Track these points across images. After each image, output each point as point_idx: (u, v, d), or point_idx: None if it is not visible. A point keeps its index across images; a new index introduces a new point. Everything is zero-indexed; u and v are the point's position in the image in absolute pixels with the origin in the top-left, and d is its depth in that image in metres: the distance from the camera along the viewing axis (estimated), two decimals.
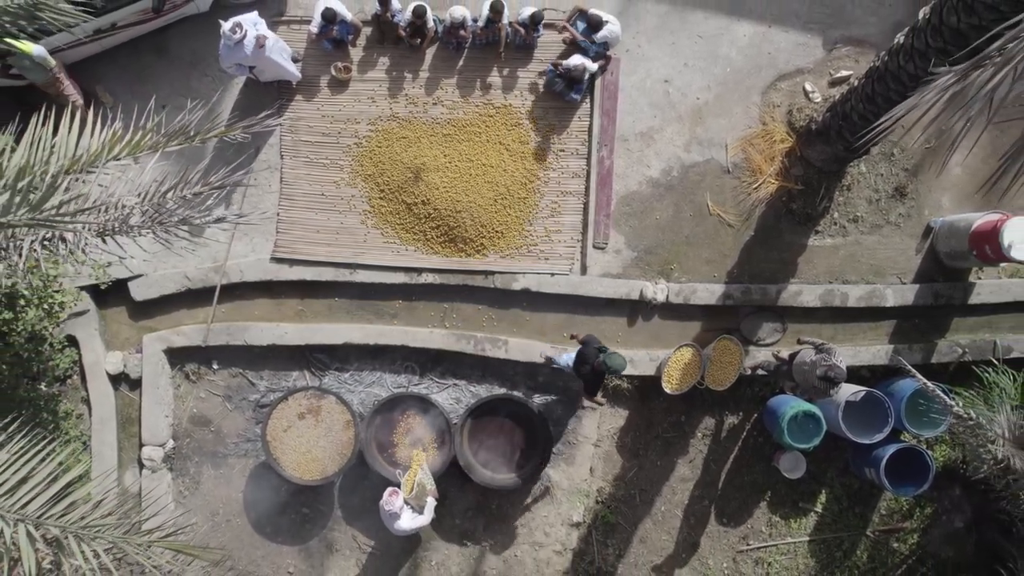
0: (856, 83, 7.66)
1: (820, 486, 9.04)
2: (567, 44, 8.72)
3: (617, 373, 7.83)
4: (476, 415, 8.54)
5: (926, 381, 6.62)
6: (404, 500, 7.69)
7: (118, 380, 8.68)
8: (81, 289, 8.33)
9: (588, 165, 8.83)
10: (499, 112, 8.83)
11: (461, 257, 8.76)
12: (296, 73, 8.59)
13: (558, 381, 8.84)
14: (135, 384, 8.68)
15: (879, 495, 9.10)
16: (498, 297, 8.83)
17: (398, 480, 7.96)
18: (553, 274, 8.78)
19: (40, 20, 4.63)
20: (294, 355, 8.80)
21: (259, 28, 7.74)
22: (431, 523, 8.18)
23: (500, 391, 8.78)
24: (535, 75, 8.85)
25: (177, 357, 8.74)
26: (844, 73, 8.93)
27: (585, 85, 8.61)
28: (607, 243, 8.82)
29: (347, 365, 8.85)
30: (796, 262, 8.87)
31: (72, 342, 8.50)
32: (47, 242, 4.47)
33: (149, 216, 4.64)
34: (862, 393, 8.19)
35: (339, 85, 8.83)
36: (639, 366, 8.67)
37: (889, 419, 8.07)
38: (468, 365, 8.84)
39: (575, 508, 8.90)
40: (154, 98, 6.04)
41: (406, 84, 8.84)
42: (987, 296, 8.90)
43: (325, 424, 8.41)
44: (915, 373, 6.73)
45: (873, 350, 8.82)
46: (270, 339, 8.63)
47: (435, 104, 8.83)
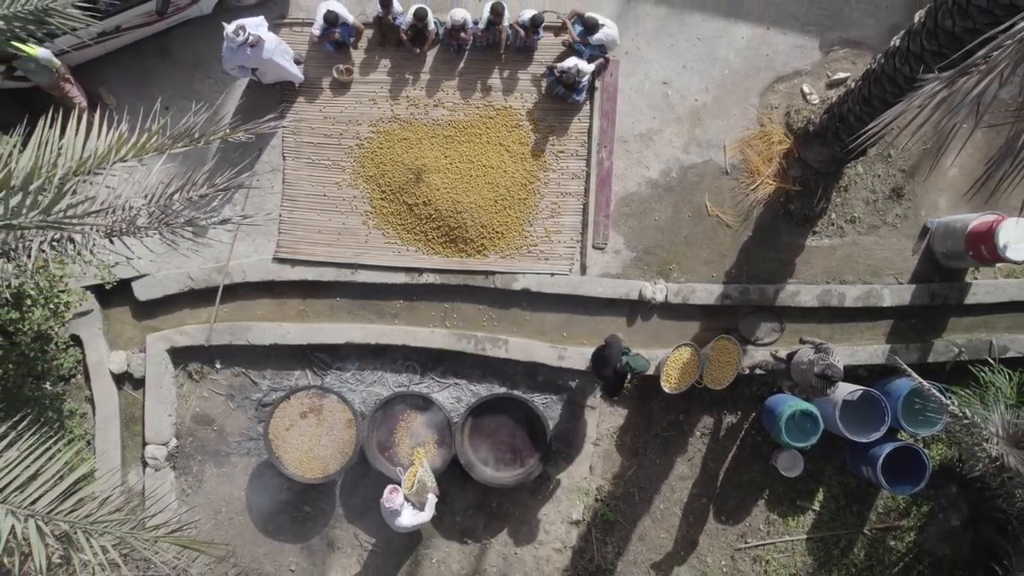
0: (853, 85, 7.68)
1: (818, 484, 9.08)
2: (566, 46, 8.78)
3: (640, 374, 7.89)
4: (476, 414, 8.59)
5: (922, 380, 6.67)
6: (405, 497, 7.74)
7: (122, 379, 8.74)
8: (86, 289, 8.40)
9: (588, 166, 8.89)
10: (499, 114, 8.90)
11: (462, 257, 8.82)
12: (299, 75, 8.63)
13: (558, 380, 8.91)
14: (139, 383, 8.75)
15: (876, 493, 9.13)
16: (498, 297, 8.88)
17: (399, 478, 8.01)
18: (553, 274, 8.84)
19: (49, 25, 4.69)
20: (296, 354, 8.86)
21: (261, 31, 7.77)
22: (432, 521, 8.24)
23: (500, 390, 8.82)
24: (535, 77, 8.90)
25: (180, 356, 8.80)
26: (841, 75, 8.98)
27: (586, 86, 8.64)
28: (606, 243, 8.87)
29: (349, 364, 8.91)
30: (794, 262, 8.92)
31: (76, 341, 8.56)
32: (55, 243, 4.54)
33: (156, 217, 4.71)
34: (859, 392, 8.22)
35: (341, 87, 8.88)
36: None
37: (886, 418, 8.10)
38: (468, 364, 8.90)
39: (575, 506, 8.96)
40: (159, 100, 6.10)
41: (407, 86, 8.90)
42: (983, 296, 8.95)
43: (327, 423, 8.47)
44: (911, 372, 6.78)
45: (870, 350, 8.87)
46: (272, 339, 8.69)
47: (436, 106, 8.89)
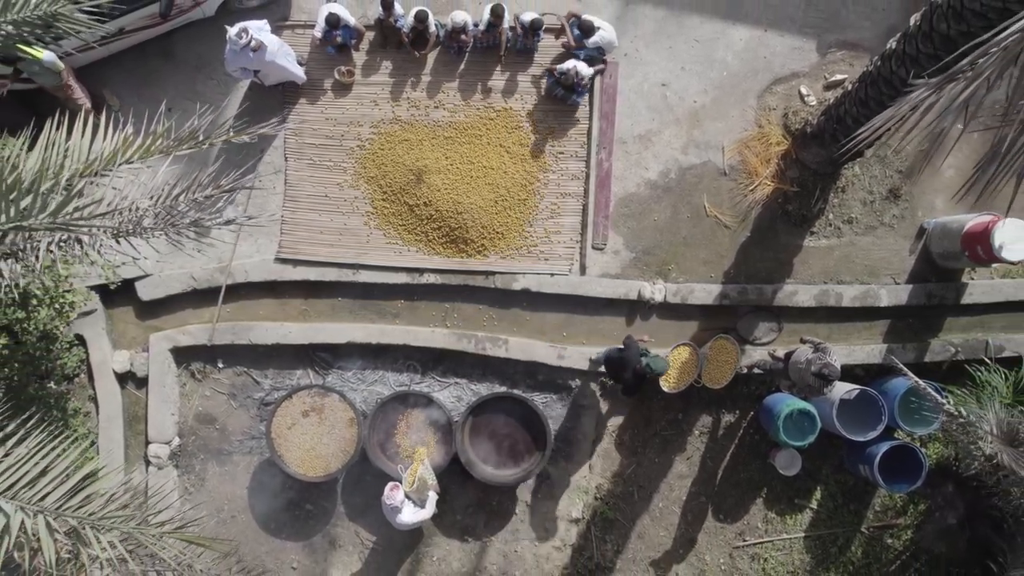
0: (850, 87, 7.73)
1: (815, 483, 9.12)
2: (565, 48, 8.83)
3: (660, 375, 7.98)
4: (477, 413, 8.64)
5: (918, 380, 6.73)
6: (406, 494, 7.80)
7: (125, 379, 8.80)
8: (91, 289, 8.45)
9: (587, 167, 8.95)
10: (499, 115, 8.96)
11: (462, 258, 8.88)
12: (301, 75, 8.68)
13: (557, 379, 8.97)
14: (141, 382, 8.81)
15: (873, 492, 9.18)
16: (498, 297, 8.94)
17: (400, 476, 8.05)
18: (553, 274, 8.90)
19: (56, 29, 4.75)
20: (298, 354, 8.92)
21: (263, 35, 7.82)
22: (432, 519, 8.31)
23: (500, 389, 8.87)
24: (535, 79, 8.96)
25: (183, 356, 8.87)
26: (839, 77, 9.04)
27: (586, 87, 8.68)
28: (606, 244, 8.94)
29: (350, 364, 8.97)
30: (792, 263, 8.98)
31: (80, 341, 8.62)
32: (63, 243, 4.60)
33: (162, 218, 4.77)
34: (856, 391, 8.28)
35: (342, 89, 8.95)
36: None
37: (883, 417, 8.15)
38: (469, 364, 8.96)
39: (574, 504, 9.02)
40: (164, 103, 6.17)
41: (408, 88, 8.96)
42: (979, 296, 9.01)
43: (329, 422, 8.53)
44: (907, 372, 6.84)
45: (867, 349, 8.93)
46: (274, 338, 8.76)
47: (437, 107, 8.95)
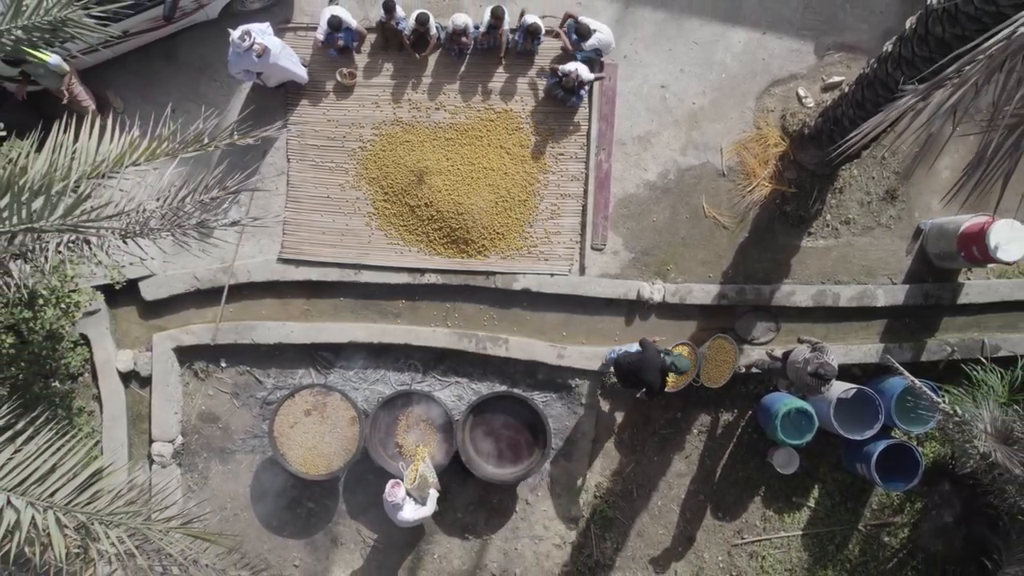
0: (847, 89, 7.80)
1: (813, 481, 9.18)
2: (564, 50, 8.89)
3: (684, 373, 8.09)
4: (477, 412, 8.69)
5: (914, 379, 6.78)
6: (406, 491, 7.85)
7: (128, 378, 8.87)
8: (95, 289, 8.51)
9: (587, 168, 9.01)
10: (500, 117, 9.02)
11: (463, 258, 8.94)
12: (304, 75, 8.74)
13: (557, 379, 9.04)
14: (145, 382, 8.88)
15: (870, 490, 9.24)
16: (499, 297, 9.01)
17: (402, 473, 8.13)
18: (553, 275, 8.96)
19: (65, 34, 4.82)
20: (300, 353, 8.99)
21: (266, 38, 7.88)
22: (433, 517, 8.37)
23: (501, 388, 8.93)
24: (535, 80, 9.03)
25: (186, 355, 8.93)
26: (836, 79, 9.11)
27: (586, 89, 8.74)
28: (605, 244, 9.00)
29: (352, 363, 9.04)
30: (789, 263, 9.05)
31: (84, 340, 8.68)
32: (72, 244, 4.68)
33: (168, 219, 4.85)
34: (853, 390, 8.33)
35: (344, 90, 9.01)
36: None
37: (879, 416, 8.21)
38: (470, 363, 9.02)
39: (574, 503, 9.08)
40: (169, 106, 6.24)
41: (409, 89, 9.03)
42: (975, 296, 9.07)
43: (330, 421, 8.59)
44: (903, 371, 6.89)
45: (864, 349, 8.99)
46: (277, 338, 8.82)
47: (438, 109, 9.02)
